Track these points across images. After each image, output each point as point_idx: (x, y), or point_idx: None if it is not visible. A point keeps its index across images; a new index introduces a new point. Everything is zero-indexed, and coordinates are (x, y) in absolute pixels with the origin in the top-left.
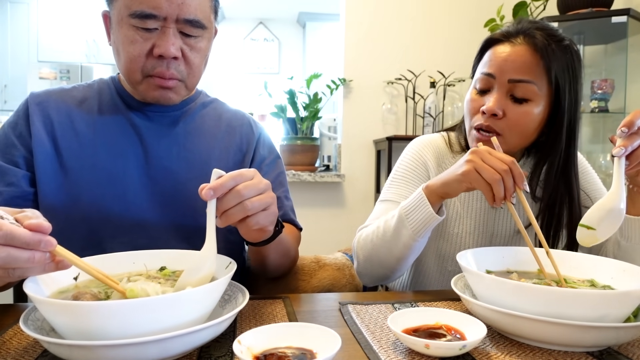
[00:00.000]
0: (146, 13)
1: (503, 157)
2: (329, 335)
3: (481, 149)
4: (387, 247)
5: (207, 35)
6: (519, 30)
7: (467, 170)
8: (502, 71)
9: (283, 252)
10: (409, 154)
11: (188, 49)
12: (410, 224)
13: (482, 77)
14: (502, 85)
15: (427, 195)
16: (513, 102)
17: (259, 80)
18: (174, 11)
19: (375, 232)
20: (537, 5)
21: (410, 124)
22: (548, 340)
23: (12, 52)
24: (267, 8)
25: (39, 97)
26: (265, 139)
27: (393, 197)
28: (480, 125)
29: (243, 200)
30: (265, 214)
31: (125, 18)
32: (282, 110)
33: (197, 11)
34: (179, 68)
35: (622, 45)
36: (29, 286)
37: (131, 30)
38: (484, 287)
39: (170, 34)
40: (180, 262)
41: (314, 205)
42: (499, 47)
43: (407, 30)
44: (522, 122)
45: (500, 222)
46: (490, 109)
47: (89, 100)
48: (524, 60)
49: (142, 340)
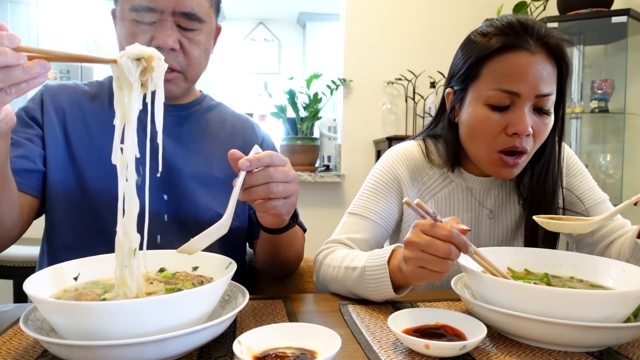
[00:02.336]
0: (144, 6)
1: (444, 234)
2: (329, 335)
3: (416, 234)
4: (346, 289)
5: (206, 29)
6: (530, 34)
7: (412, 272)
8: (529, 87)
9: (294, 246)
10: (381, 167)
11: (187, 42)
12: (369, 288)
13: (499, 93)
14: (528, 101)
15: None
16: (537, 117)
17: (259, 80)
18: (170, 4)
19: (336, 273)
20: (537, 5)
21: (410, 124)
22: (548, 340)
23: None
24: (267, 8)
25: (53, 88)
26: (268, 143)
27: (361, 212)
28: (513, 147)
29: (270, 182)
30: (285, 202)
31: (126, 12)
32: (282, 111)
33: (193, 4)
34: (178, 59)
35: (622, 45)
36: (29, 286)
37: (132, 24)
38: (484, 287)
39: (168, 27)
40: (180, 262)
41: (314, 205)
42: (514, 57)
43: (407, 30)
44: (544, 134)
45: (483, 235)
46: (525, 130)
47: (100, 97)
48: (548, 72)
49: (142, 340)
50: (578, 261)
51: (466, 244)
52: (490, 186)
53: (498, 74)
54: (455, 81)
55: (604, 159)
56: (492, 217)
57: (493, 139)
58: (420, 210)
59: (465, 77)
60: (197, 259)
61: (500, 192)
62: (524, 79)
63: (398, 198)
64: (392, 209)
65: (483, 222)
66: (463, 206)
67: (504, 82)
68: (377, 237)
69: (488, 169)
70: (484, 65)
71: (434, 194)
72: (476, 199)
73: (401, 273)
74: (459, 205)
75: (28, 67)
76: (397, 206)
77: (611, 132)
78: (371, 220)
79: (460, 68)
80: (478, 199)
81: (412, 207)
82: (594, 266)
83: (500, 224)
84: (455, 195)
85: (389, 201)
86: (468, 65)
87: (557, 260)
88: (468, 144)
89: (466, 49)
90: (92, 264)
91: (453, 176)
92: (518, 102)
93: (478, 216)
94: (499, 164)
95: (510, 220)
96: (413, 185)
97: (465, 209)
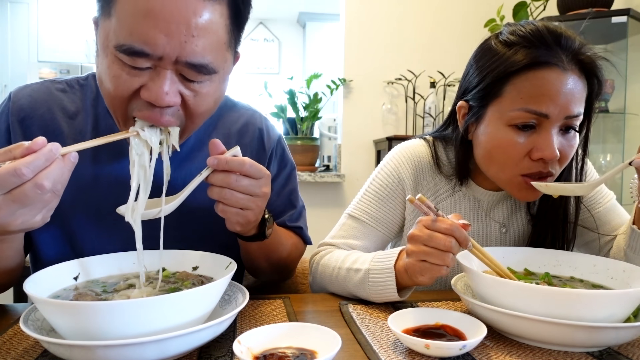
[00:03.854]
0: (136, 50)
1: (445, 227)
2: (329, 335)
3: (419, 228)
4: (346, 291)
5: (219, 77)
6: (564, 49)
7: (413, 266)
8: (559, 108)
9: (271, 260)
10: (386, 170)
11: (191, 95)
12: (372, 291)
13: (526, 114)
14: (557, 122)
15: (397, 274)
16: (563, 137)
17: (259, 80)
18: (173, 50)
19: (336, 273)
20: (537, 5)
21: (410, 124)
22: (548, 340)
23: (12, 52)
24: (267, 8)
25: (22, 110)
26: (277, 154)
27: (362, 217)
28: (539, 173)
29: (225, 187)
30: (239, 212)
31: (110, 47)
32: (282, 111)
33: (205, 51)
34: (177, 114)
35: (622, 45)
36: (29, 286)
37: (116, 63)
38: (484, 287)
39: (166, 77)
40: (180, 262)
41: (314, 205)
42: (545, 75)
43: (407, 30)
44: (570, 154)
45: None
46: (554, 156)
47: (81, 115)
48: (579, 91)
49: (142, 340)
50: (578, 261)
51: (466, 238)
52: (498, 198)
53: (525, 93)
54: (471, 96)
55: (604, 159)
56: (499, 230)
57: (516, 164)
58: (422, 206)
59: (486, 94)
60: (197, 259)
61: (508, 205)
62: (554, 99)
63: (401, 203)
64: (394, 215)
65: (491, 233)
66: (470, 216)
67: (532, 102)
68: (376, 243)
69: (511, 191)
70: (509, 82)
71: (439, 201)
72: (483, 210)
73: (407, 274)
74: (466, 214)
75: (65, 164)
76: (400, 211)
77: (611, 132)
78: (371, 227)
79: (478, 82)
80: (485, 211)
81: (414, 203)
82: (594, 266)
83: (508, 237)
84: (462, 204)
85: (391, 207)
86: (489, 81)
87: (557, 260)
88: (486, 166)
89: (485, 61)
90: (92, 264)
91: (460, 186)
92: (545, 123)
93: (485, 227)
94: (524, 187)
95: (518, 233)
96: (417, 191)
97: (472, 219)
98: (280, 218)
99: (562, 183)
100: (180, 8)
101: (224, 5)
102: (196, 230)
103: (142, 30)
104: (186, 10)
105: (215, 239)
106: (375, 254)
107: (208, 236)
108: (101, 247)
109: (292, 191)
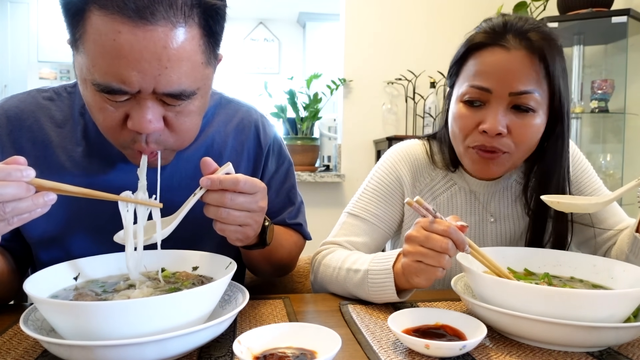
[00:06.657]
0: (114, 89)
1: (442, 229)
2: (329, 335)
3: (417, 229)
4: (346, 291)
5: (200, 94)
6: (510, 31)
7: (409, 266)
8: (501, 84)
9: (272, 262)
10: (383, 168)
11: (173, 116)
12: (371, 292)
13: (472, 89)
14: (502, 99)
15: (396, 276)
16: (516, 116)
17: (259, 80)
18: (149, 85)
19: (336, 274)
20: (537, 5)
21: (410, 124)
22: (548, 340)
23: (12, 52)
24: (267, 8)
25: (9, 122)
26: (275, 151)
27: (362, 214)
28: (482, 145)
29: (221, 206)
30: (237, 229)
31: (88, 82)
32: (282, 111)
33: (180, 80)
34: (161, 138)
35: (622, 45)
36: (29, 286)
37: (97, 96)
38: (484, 287)
39: (147, 106)
40: (180, 262)
41: (314, 205)
42: (489, 54)
43: (407, 30)
44: (528, 135)
45: (487, 239)
46: (494, 129)
47: (70, 123)
48: (525, 69)
49: (142, 340)
50: (578, 261)
51: (464, 240)
52: (494, 190)
53: (473, 71)
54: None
55: (604, 159)
56: (496, 222)
57: (466, 136)
58: (420, 208)
59: (450, 76)
60: (197, 259)
61: (504, 196)
62: (495, 75)
63: (399, 200)
64: (393, 212)
65: (487, 226)
66: (466, 209)
67: (477, 78)
68: (378, 240)
69: (468, 166)
70: (464, 63)
71: (436, 196)
72: (480, 202)
73: (404, 275)
74: (462, 208)
75: (35, 199)
76: (399, 208)
77: (611, 132)
78: (371, 223)
79: (449, 66)
80: (482, 203)
81: (413, 206)
82: (594, 266)
83: (504, 229)
84: (458, 198)
85: (390, 204)
86: (452, 63)
87: (557, 260)
88: (452, 143)
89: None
90: (92, 264)
91: (456, 178)
92: (491, 99)
93: (482, 220)
94: (476, 160)
95: (515, 225)
96: (415, 187)
97: (469, 212)
98: (279, 216)
99: (573, 200)
100: (148, 45)
101: (194, 27)
102: (195, 231)
103: (115, 71)
104: (154, 45)
105: (215, 239)
106: (375, 255)
107: (207, 236)
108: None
109: (290, 188)
